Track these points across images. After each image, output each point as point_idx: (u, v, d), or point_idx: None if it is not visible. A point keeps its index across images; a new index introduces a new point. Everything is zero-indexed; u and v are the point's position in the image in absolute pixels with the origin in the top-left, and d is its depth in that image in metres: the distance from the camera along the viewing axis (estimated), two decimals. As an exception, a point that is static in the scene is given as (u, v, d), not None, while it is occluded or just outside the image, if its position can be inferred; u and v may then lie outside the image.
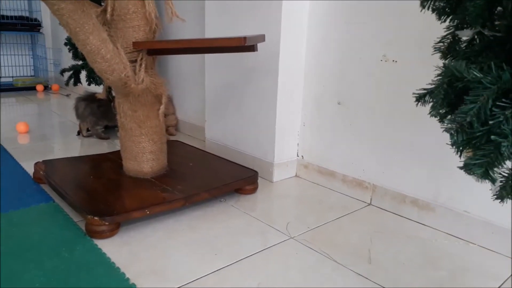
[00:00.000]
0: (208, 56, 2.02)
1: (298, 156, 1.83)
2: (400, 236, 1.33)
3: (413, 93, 0.70)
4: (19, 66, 4.08)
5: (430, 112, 0.68)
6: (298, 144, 1.82)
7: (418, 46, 1.35)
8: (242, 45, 1.21)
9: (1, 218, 1.33)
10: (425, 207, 1.41)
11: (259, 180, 1.69)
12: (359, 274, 1.11)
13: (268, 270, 1.12)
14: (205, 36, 2.03)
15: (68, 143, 2.24)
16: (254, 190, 1.64)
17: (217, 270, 1.11)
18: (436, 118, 0.67)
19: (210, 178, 1.58)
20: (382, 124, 1.50)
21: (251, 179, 1.62)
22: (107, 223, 1.23)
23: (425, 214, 1.41)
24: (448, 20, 0.67)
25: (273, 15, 1.62)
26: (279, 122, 1.72)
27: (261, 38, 1.35)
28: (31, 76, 4.13)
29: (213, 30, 1.94)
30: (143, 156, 1.55)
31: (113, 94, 1.55)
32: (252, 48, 1.29)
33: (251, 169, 1.68)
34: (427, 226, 1.40)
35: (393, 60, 1.43)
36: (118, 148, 2.12)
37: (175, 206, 1.39)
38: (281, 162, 1.77)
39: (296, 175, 1.85)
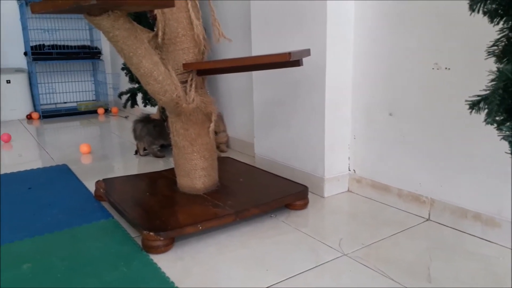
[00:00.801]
0: (255, 73, 2.05)
1: (349, 170, 1.79)
2: (461, 253, 1.25)
3: (466, 100, 0.67)
4: (82, 91, 4.38)
5: (485, 120, 0.64)
6: (349, 158, 1.78)
7: (471, 51, 1.28)
8: (287, 61, 1.22)
9: (62, 234, 1.42)
10: (489, 222, 1.31)
11: (310, 195, 1.67)
12: (418, 293, 1.05)
13: (322, 287, 1.09)
14: (252, 54, 2.07)
15: (127, 162, 2.36)
16: (304, 205, 1.62)
17: (269, 286, 1.10)
18: (493, 126, 0.63)
19: (260, 193, 1.59)
20: (437, 134, 1.44)
21: (301, 194, 1.60)
22: (162, 238, 1.27)
23: (489, 230, 1.32)
24: (501, 22, 0.64)
25: (318, 29, 1.62)
26: (328, 135, 1.69)
27: (307, 52, 1.35)
28: (93, 100, 4.42)
29: (260, 48, 1.97)
30: (195, 172, 1.59)
31: (167, 114, 1.61)
32: (297, 63, 1.30)
33: (301, 184, 1.67)
34: (491, 242, 1.31)
35: (446, 68, 1.37)
36: (173, 165, 2.20)
37: (226, 221, 1.41)
38: (332, 177, 1.74)
39: (348, 190, 1.81)
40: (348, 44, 1.67)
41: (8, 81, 3.83)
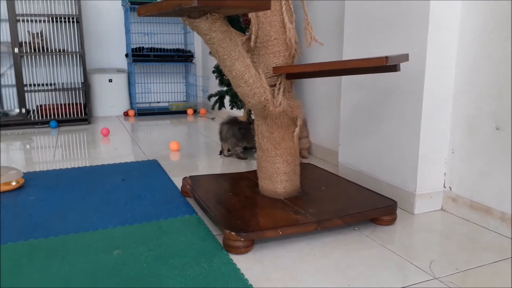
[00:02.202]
0: (345, 78, 1.98)
1: (445, 187, 1.65)
2: None
3: None
4: (174, 92, 4.65)
5: None
6: (445, 174, 1.64)
7: None
8: (383, 65, 1.15)
9: (150, 225, 1.49)
10: None
11: (398, 211, 1.57)
12: (525, 334, 0.92)
13: (408, 311, 1.00)
14: (342, 58, 2.01)
15: (211, 161, 2.43)
16: (392, 221, 1.52)
17: (350, 302, 1.04)
18: None
19: (343, 204, 1.53)
20: (555, 154, 1.26)
21: (389, 209, 1.50)
22: (242, 239, 1.28)
23: None
24: None
25: (418, 32, 1.51)
26: (423, 148, 1.57)
27: (405, 57, 1.27)
28: (183, 101, 4.66)
29: (351, 52, 1.91)
30: (278, 176, 1.58)
31: (253, 117, 1.63)
32: (394, 68, 1.22)
33: (390, 198, 1.57)
34: None
35: None
36: (254, 167, 2.22)
37: (307, 229, 1.37)
38: (424, 193, 1.61)
39: (441, 209, 1.66)
40: (451, 48, 1.54)
41: (110, 80, 4.19)
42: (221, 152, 2.57)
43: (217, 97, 2.77)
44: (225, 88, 2.69)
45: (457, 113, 1.57)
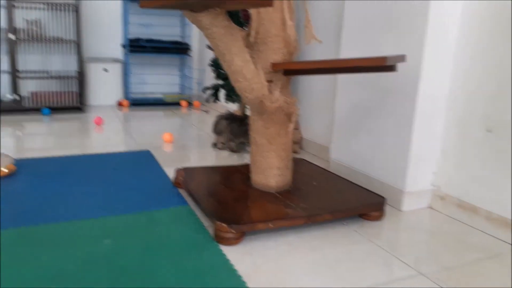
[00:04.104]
0: (341, 76, 2.01)
1: (433, 186, 1.68)
2: (560, 293, 1.11)
3: None
4: (169, 84, 4.64)
5: None
6: (434, 173, 1.67)
7: None
8: (381, 65, 1.17)
9: (142, 215, 1.50)
10: None
11: (386, 208, 1.60)
12: (504, 329, 0.95)
13: (393, 304, 1.03)
14: (339, 57, 2.03)
15: (204, 153, 2.44)
16: (380, 217, 1.55)
17: (337, 294, 1.07)
18: None
19: (333, 199, 1.55)
20: (541, 158, 1.29)
21: (377, 205, 1.54)
22: (233, 231, 1.30)
23: None
24: None
25: (416, 33, 1.54)
26: (414, 147, 1.60)
27: (401, 58, 1.29)
28: (178, 93, 4.65)
29: (348, 51, 1.93)
30: (271, 171, 1.60)
31: (248, 112, 1.64)
32: (391, 68, 1.25)
33: (379, 195, 1.60)
34: None
35: (561, 84, 1.22)
36: (246, 161, 2.24)
37: (297, 223, 1.40)
38: (413, 191, 1.65)
39: (429, 207, 1.70)
40: (448, 51, 1.56)
41: (106, 70, 4.17)
42: (214, 145, 2.58)
43: (212, 90, 2.78)
44: (221, 82, 2.70)
45: (450, 114, 1.61)
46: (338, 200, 1.54)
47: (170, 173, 1.98)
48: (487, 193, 1.47)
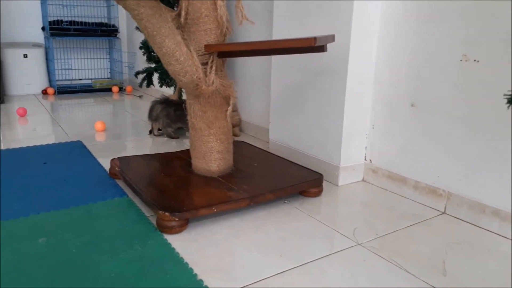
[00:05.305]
0: (275, 58, 2.02)
1: (366, 160, 1.78)
2: (478, 249, 1.23)
3: (505, 94, 0.64)
4: (97, 69, 4.39)
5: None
6: (366, 148, 1.76)
7: (504, 44, 1.24)
8: (312, 46, 1.20)
9: (78, 210, 1.43)
10: (508, 218, 1.29)
11: (324, 183, 1.66)
12: (434, 287, 1.04)
13: (335, 275, 1.09)
14: (272, 38, 2.04)
15: (140, 141, 2.36)
16: (318, 193, 1.61)
17: (283, 272, 1.10)
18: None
19: (274, 179, 1.58)
20: (460, 128, 1.41)
21: (316, 182, 1.59)
22: (176, 219, 1.28)
23: (507, 226, 1.30)
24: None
25: (343, 16, 1.58)
26: (347, 124, 1.67)
27: (331, 38, 1.32)
28: (108, 78, 4.43)
29: (281, 32, 1.94)
30: (211, 155, 1.58)
31: (184, 96, 1.60)
32: (322, 49, 1.27)
33: (316, 172, 1.65)
34: (508, 239, 1.29)
35: (475, 60, 1.33)
36: (186, 147, 2.20)
37: (241, 205, 1.41)
38: (348, 166, 1.73)
39: (363, 180, 1.79)
40: (373, 31, 1.63)
41: (25, 56, 3.85)
42: (150, 132, 2.50)
43: (144, 74, 2.67)
44: (153, 65, 2.61)
45: (378, 91, 1.69)
46: (279, 180, 1.57)
47: (105, 164, 1.90)
48: (414, 163, 1.58)
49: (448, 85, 1.43)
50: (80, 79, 4.31)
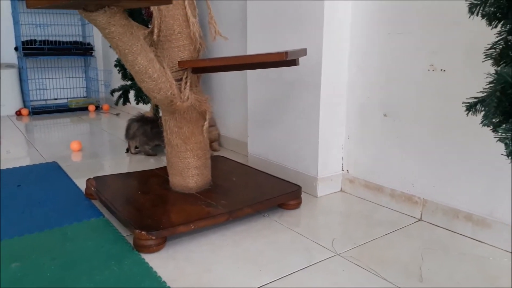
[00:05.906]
0: (250, 72, 2.04)
1: (343, 170, 1.80)
2: (453, 254, 1.26)
3: (463, 102, 0.67)
4: (73, 88, 4.33)
5: (482, 122, 0.64)
6: (342, 158, 1.79)
7: (467, 53, 1.29)
8: (284, 60, 1.22)
9: (53, 233, 1.40)
10: (480, 222, 1.33)
11: (303, 195, 1.68)
12: (410, 294, 1.06)
13: (315, 287, 1.09)
14: (247, 53, 2.07)
15: (118, 160, 2.34)
16: (297, 205, 1.62)
17: (262, 285, 1.10)
18: (489, 128, 0.64)
19: (253, 193, 1.58)
20: (431, 136, 1.45)
21: (294, 194, 1.60)
22: (154, 238, 1.26)
23: (480, 230, 1.33)
24: (499, 25, 0.64)
25: (314, 29, 1.62)
26: (322, 135, 1.70)
27: (303, 52, 1.35)
28: (84, 97, 4.37)
29: (255, 47, 1.97)
30: (188, 171, 1.58)
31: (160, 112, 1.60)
32: (293, 63, 1.30)
33: (295, 184, 1.66)
34: (483, 242, 1.32)
35: (441, 69, 1.38)
36: (164, 164, 2.18)
37: (219, 220, 1.40)
38: (325, 177, 1.74)
39: (341, 190, 1.81)
40: (344, 44, 1.67)
41: (-3, 76, 3.77)
42: (127, 150, 2.48)
43: (120, 92, 2.66)
44: (129, 83, 2.60)
45: (351, 102, 1.72)
46: (257, 193, 1.58)
47: (81, 184, 1.86)
48: (389, 172, 1.61)
49: (418, 94, 1.47)
50: (56, 99, 4.25)
